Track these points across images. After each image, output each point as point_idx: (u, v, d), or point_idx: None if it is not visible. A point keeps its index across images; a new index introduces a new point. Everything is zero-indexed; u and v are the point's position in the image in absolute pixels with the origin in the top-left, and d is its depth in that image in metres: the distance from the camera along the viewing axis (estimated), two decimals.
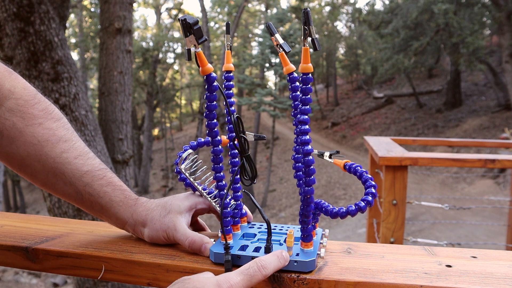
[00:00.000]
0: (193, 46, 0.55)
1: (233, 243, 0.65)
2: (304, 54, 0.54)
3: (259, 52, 17.26)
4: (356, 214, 0.57)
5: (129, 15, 4.09)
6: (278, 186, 16.09)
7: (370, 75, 23.63)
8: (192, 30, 0.53)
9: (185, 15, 0.54)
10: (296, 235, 0.66)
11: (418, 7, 13.81)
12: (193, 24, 0.53)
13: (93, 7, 17.09)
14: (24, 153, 0.66)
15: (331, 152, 0.64)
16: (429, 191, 10.58)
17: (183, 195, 0.72)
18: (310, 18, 0.52)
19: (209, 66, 0.58)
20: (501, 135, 10.32)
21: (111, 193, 0.69)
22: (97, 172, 0.69)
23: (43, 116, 0.67)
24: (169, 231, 0.67)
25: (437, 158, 1.96)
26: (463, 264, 0.60)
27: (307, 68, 0.54)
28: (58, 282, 9.37)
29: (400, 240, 1.88)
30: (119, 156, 3.87)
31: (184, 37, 0.54)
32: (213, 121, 0.63)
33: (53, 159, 0.66)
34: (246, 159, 0.64)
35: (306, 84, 0.55)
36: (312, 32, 0.52)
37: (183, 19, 0.53)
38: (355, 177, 2.81)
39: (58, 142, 0.67)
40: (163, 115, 26.80)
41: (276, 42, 0.55)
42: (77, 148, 0.69)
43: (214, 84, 0.60)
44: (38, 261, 0.70)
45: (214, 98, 0.61)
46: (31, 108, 0.66)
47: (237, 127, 0.61)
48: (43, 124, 0.67)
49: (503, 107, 14.68)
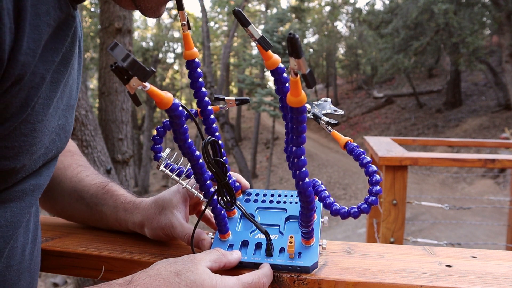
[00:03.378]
0: (140, 86, 0.43)
1: (232, 239, 0.63)
2: (293, 86, 0.42)
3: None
4: (359, 217, 0.54)
5: (129, 15, 4.09)
6: (278, 186, 16.08)
7: (370, 75, 23.62)
8: (130, 73, 0.41)
9: (114, 48, 0.40)
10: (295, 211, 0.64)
11: (418, 7, 13.81)
12: (130, 66, 0.41)
13: (93, 7, 17.09)
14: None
15: (331, 121, 0.55)
16: (429, 191, 10.58)
17: (175, 188, 0.70)
18: (299, 47, 0.37)
19: (168, 97, 0.47)
20: (501, 135, 10.32)
21: (108, 199, 0.73)
22: (101, 184, 0.77)
23: (74, 151, 0.83)
24: (166, 228, 0.67)
25: (437, 158, 1.96)
26: (463, 264, 0.60)
27: (299, 101, 0.43)
28: (58, 282, 9.36)
29: (400, 240, 1.88)
30: (119, 156, 3.87)
31: (124, 84, 0.43)
32: (191, 146, 0.55)
33: (70, 179, 0.77)
34: (224, 187, 0.58)
35: (300, 115, 0.45)
36: (304, 66, 0.38)
37: (114, 67, 0.42)
38: (355, 177, 2.78)
39: (77, 167, 0.80)
40: (163, 115, 26.79)
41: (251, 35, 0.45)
42: (89, 170, 0.81)
43: (179, 110, 0.50)
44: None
45: (182, 123, 0.52)
46: (69, 146, 0.83)
47: (207, 154, 0.53)
48: (73, 156, 0.82)
49: (503, 107, 14.68)
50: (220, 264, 0.57)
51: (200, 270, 0.52)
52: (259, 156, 20.04)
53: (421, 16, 13.96)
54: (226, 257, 0.59)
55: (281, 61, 0.51)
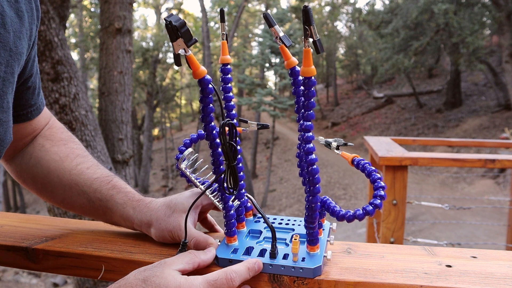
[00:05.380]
0: (182, 50, 0.50)
1: (238, 245, 0.64)
2: (305, 56, 0.49)
3: (259, 52, 17.27)
4: (364, 218, 0.55)
5: (129, 15, 4.08)
6: (278, 186, 16.08)
7: (370, 75, 23.63)
8: (179, 33, 0.49)
9: (170, 16, 0.49)
10: (301, 231, 0.65)
11: (418, 7, 13.81)
12: (180, 26, 0.48)
13: (93, 7, 17.09)
14: (47, 170, 0.75)
15: (339, 143, 0.61)
16: (429, 191, 10.58)
17: (188, 193, 0.72)
18: (311, 16, 0.46)
19: (202, 69, 0.55)
20: (501, 135, 10.32)
21: (115, 195, 0.72)
22: (105, 178, 0.75)
23: (67, 139, 0.80)
24: (174, 231, 0.67)
25: (437, 158, 1.96)
26: (463, 264, 0.60)
27: (309, 71, 0.50)
28: (58, 282, 9.36)
29: (400, 240, 1.88)
30: (119, 156, 3.87)
31: (171, 41, 0.49)
32: (211, 124, 0.60)
33: (69, 172, 0.75)
34: (231, 169, 0.61)
35: (309, 88, 0.51)
36: (314, 33, 0.47)
37: (168, 22, 0.48)
38: (355, 177, 2.79)
39: (75, 157, 0.77)
40: (163, 115, 26.80)
41: (276, 34, 0.51)
42: (89, 161, 0.78)
43: (209, 87, 0.56)
44: (38, 261, 0.70)
45: (209, 100, 0.58)
46: (60, 133, 0.80)
47: (224, 133, 0.57)
48: (67, 145, 0.79)
49: (503, 107, 14.68)
50: (193, 265, 0.57)
51: (166, 274, 0.53)
52: (259, 156, 20.03)
53: (421, 16, 13.96)
54: (199, 256, 0.59)
55: (297, 63, 0.55)
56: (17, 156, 0.78)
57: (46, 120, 0.80)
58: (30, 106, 0.73)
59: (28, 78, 0.68)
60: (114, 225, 0.76)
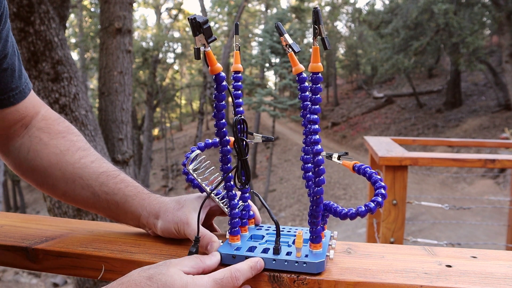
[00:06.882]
0: (202, 45, 0.55)
1: (241, 244, 0.64)
2: (314, 53, 0.53)
3: (259, 52, 17.28)
4: (366, 215, 0.57)
5: (129, 15, 4.09)
6: (278, 186, 16.09)
7: (370, 75, 23.63)
8: (201, 29, 0.53)
9: (194, 14, 0.53)
10: (305, 236, 0.66)
11: (418, 7, 13.82)
12: (203, 23, 0.53)
13: (93, 7, 17.09)
14: (47, 163, 0.74)
15: (340, 154, 0.64)
16: (429, 191, 10.58)
17: (197, 194, 0.73)
18: (320, 17, 0.51)
19: (218, 66, 0.58)
20: (501, 135, 10.32)
21: (125, 189, 0.73)
22: (112, 172, 0.75)
23: (66, 131, 0.78)
24: (180, 224, 0.67)
25: (437, 158, 1.96)
26: (463, 264, 0.60)
27: (317, 68, 0.54)
28: (58, 282, 9.37)
29: (400, 240, 1.88)
30: (119, 156, 3.87)
31: (194, 36, 0.54)
32: (222, 120, 0.62)
33: (72, 165, 0.74)
34: (242, 163, 0.63)
35: (316, 84, 0.55)
36: (322, 31, 0.51)
37: (193, 18, 0.53)
38: (355, 177, 2.81)
39: (77, 150, 0.75)
40: (163, 115, 26.82)
41: (285, 42, 0.55)
42: (93, 155, 0.77)
43: (223, 84, 0.59)
44: (38, 261, 0.70)
45: (222, 97, 0.61)
46: (57, 125, 0.77)
47: (236, 128, 0.61)
48: (66, 137, 0.77)
49: (503, 107, 14.69)
50: (198, 270, 0.57)
51: (171, 272, 0.52)
52: (259, 156, 20.04)
53: (421, 16, 13.97)
54: (204, 262, 0.58)
55: (304, 69, 0.58)
56: (13, 149, 0.76)
57: (36, 108, 0.77)
58: (12, 89, 0.70)
59: (3, 59, 0.66)
60: (115, 219, 0.76)
